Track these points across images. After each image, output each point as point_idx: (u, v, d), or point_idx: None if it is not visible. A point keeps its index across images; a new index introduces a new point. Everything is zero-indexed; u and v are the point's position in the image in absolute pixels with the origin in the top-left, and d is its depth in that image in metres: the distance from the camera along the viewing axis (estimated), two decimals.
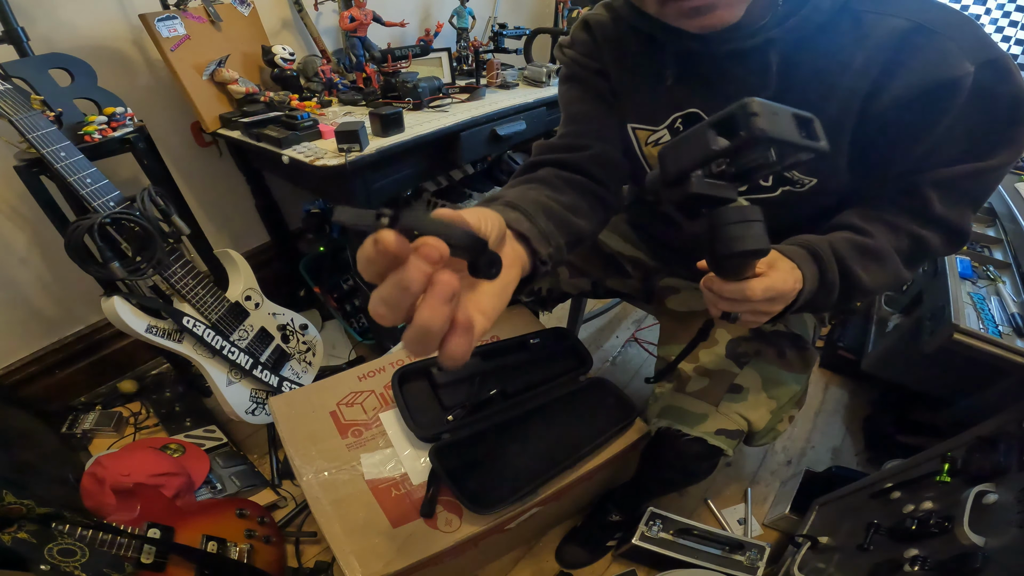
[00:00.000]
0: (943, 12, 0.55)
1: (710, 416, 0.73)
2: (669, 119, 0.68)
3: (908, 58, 0.55)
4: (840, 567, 0.82)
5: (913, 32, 0.54)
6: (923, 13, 0.54)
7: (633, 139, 0.72)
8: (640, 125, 0.71)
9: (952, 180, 0.61)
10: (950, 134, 0.58)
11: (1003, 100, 0.55)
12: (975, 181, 0.61)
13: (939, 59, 0.53)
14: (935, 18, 0.54)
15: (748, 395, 0.74)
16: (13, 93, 0.87)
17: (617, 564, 1.10)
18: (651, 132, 0.70)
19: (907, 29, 0.54)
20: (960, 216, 0.64)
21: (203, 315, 1.10)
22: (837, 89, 0.58)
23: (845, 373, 1.56)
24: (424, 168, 1.26)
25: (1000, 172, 0.61)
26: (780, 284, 0.52)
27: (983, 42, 0.54)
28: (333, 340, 1.63)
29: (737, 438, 0.74)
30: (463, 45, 1.61)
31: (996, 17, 1.58)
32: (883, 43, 0.55)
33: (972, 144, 0.58)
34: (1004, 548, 0.62)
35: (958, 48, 0.53)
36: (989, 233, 1.20)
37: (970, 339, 0.87)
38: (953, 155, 0.60)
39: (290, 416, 0.86)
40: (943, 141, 0.59)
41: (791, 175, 0.65)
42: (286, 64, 1.28)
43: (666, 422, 0.76)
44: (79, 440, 1.26)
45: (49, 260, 1.27)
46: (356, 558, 0.68)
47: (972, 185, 0.62)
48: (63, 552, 0.78)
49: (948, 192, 0.62)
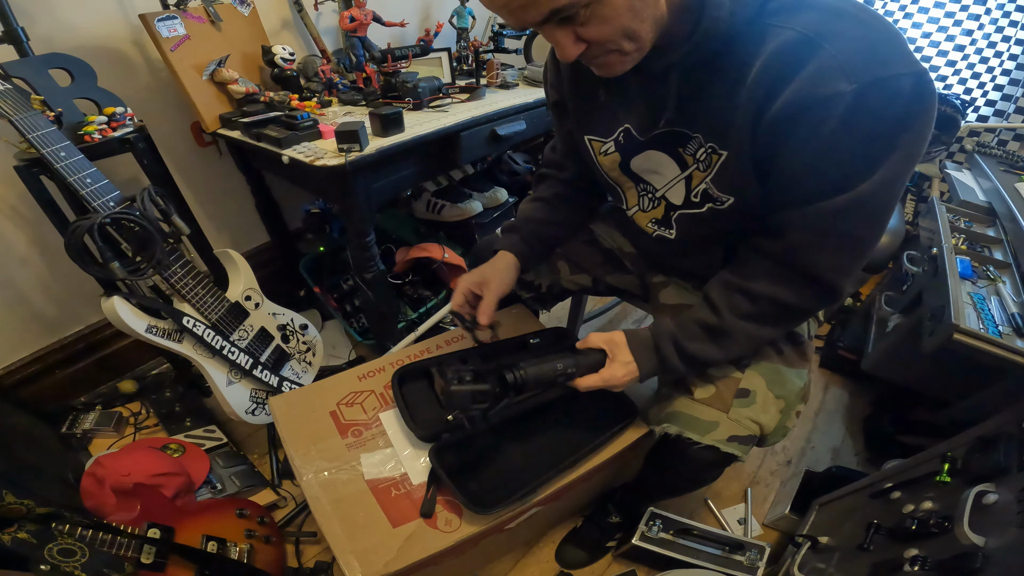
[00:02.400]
0: (848, 24, 0.51)
1: (721, 423, 0.73)
2: (615, 133, 0.74)
3: (790, 73, 0.52)
4: (840, 567, 0.82)
5: (799, 45, 0.52)
6: (820, 25, 0.51)
7: (589, 149, 0.79)
8: (593, 137, 0.78)
9: (820, 218, 0.59)
10: (820, 162, 0.55)
11: (884, 124, 0.52)
12: (844, 219, 0.58)
13: (815, 75, 0.51)
14: (832, 30, 0.51)
15: (756, 398, 0.74)
16: (13, 93, 0.87)
17: (617, 564, 1.10)
18: (602, 143, 0.77)
19: (795, 41, 0.52)
20: (831, 268, 0.63)
21: (203, 315, 1.10)
22: (737, 106, 0.57)
23: (845, 373, 1.56)
24: (424, 168, 1.26)
25: (874, 207, 0.57)
26: (610, 376, 0.72)
27: (880, 59, 0.50)
28: (333, 340, 1.63)
29: (750, 443, 0.74)
30: (463, 45, 1.61)
31: (996, 17, 1.58)
32: (774, 56, 0.53)
33: (843, 174, 0.56)
34: (1004, 548, 0.61)
35: (839, 64, 0.50)
36: (989, 233, 1.20)
37: (970, 339, 0.87)
38: (823, 187, 0.57)
39: (290, 416, 0.86)
40: (811, 170, 0.57)
41: (712, 193, 0.67)
42: (286, 64, 1.28)
43: (675, 429, 0.75)
44: (79, 440, 1.26)
45: (49, 260, 1.27)
46: (356, 558, 0.68)
47: (842, 225, 0.59)
48: (63, 552, 0.78)
49: (817, 236, 0.61)
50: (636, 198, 0.81)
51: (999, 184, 1.27)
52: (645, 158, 0.73)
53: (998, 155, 1.47)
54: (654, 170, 0.74)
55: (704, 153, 0.65)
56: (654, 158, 0.72)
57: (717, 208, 0.69)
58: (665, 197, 0.75)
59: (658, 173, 0.73)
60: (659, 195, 0.76)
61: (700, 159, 0.66)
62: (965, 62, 1.68)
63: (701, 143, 0.65)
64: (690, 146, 0.67)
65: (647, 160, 0.73)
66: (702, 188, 0.69)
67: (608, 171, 0.79)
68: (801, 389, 0.77)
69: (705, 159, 0.66)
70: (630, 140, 0.73)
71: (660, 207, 0.77)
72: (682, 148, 0.68)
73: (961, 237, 1.16)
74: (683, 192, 0.72)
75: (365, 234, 1.17)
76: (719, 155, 0.64)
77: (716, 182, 0.66)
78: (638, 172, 0.76)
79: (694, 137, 0.65)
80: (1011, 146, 1.60)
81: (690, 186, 0.70)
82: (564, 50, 0.56)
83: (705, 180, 0.67)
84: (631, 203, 0.82)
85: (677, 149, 0.68)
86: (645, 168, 0.75)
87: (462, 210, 1.66)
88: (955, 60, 1.69)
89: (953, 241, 1.11)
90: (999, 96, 1.65)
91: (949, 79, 1.73)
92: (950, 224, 1.17)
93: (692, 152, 0.67)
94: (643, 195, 0.79)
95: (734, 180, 0.64)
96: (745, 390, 0.74)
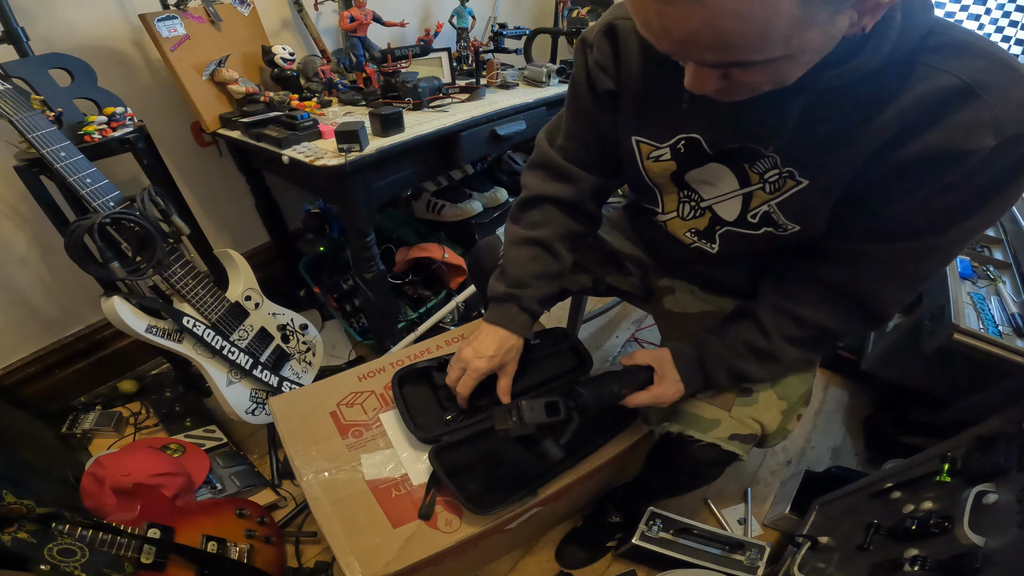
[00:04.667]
0: (1013, 78, 0.47)
1: (723, 421, 0.73)
2: (673, 139, 0.66)
3: (941, 119, 0.49)
4: (840, 567, 0.82)
5: (957, 92, 0.47)
6: (985, 75, 0.47)
7: (636, 151, 0.71)
8: (645, 139, 0.69)
9: (902, 256, 0.59)
10: (928, 205, 0.54)
11: (1003, 175, 0.49)
12: (925, 260, 0.59)
13: (968, 126, 0.48)
14: (996, 84, 0.47)
15: (759, 398, 0.74)
16: (13, 93, 0.87)
17: (617, 564, 1.10)
18: (654, 148, 0.69)
19: (956, 88, 0.47)
20: (891, 302, 0.63)
21: (203, 315, 1.10)
22: (852, 140, 0.54)
23: (845, 373, 1.56)
24: (424, 168, 1.26)
25: (952, 249, 0.58)
26: (661, 395, 0.73)
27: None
28: (333, 340, 1.63)
29: (751, 442, 0.74)
30: (463, 45, 1.61)
31: (996, 17, 1.58)
32: (924, 99, 0.49)
33: (945, 219, 0.54)
34: (1004, 548, 0.62)
35: (994, 120, 0.47)
36: (989, 233, 1.20)
37: (970, 339, 0.87)
38: (918, 227, 0.56)
39: (290, 416, 0.86)
40: (915, 211, 0.55)
41: (775, 218, 0.65)
42: (286, 64, 1.28)
43: (677, 427, 0.75)
44: (79, 440, 1.27)
45: (49, 260, 1.27)
46: (356, 558, 0.68)
47: (920, 265, 0.59)
48: (63, 552, 0.78)
49: (892, 270, 0.61)
50: (676, 204, 0.74)
51: None
52: (705, 170, 0.67)
53: None
54: (708, 181, 0.68)
55: (776, 175, 0.61)
56: (714, 171, 0.66)
57: (777, 233, 0.66)
58: (712, 209, 0.70)
59: (712, 185, 0.68)
60: (704, 205, 0.71)
61: (768, 179, 0.62)
62: None
63: (776, 164, 0.60)
64: (760, 164, 0.61)
65: (705, 172, 0.67)
66: (763, 210, 0.65)
67: (654, 177, 0.72)
68: (804, 392, 0.77)
69: (776, 181, 0.61)
70: (696, 152, 0.65)
71: (704, 217, 0.72)
72: (748, 164, 0.62)
73: None
74: (738, 209, 0.67)
75: (365, 234, 1.17)
76: (798, 183, 0.59)
77: (784, 208, 0.63)
78: (689, 181, 0.70)
79: (769, 156, 0.60)
80: None
81: (748, 205, 0.66)
82: (703, 84, 0.49)
83: (770, 203, 0.63)
84: (668, 208, 0.76)
85: (743, 164, 0.63)
86: (700, 179, 0.69)
87: (462, 210, 1.66)
88: None
89: None
90: None
91: None
92: None
93: (760, 171, 0.62)
94: (684, 202, 0.73)
95: (808, 210, 0.61)
96: (748, 389, 0.74)
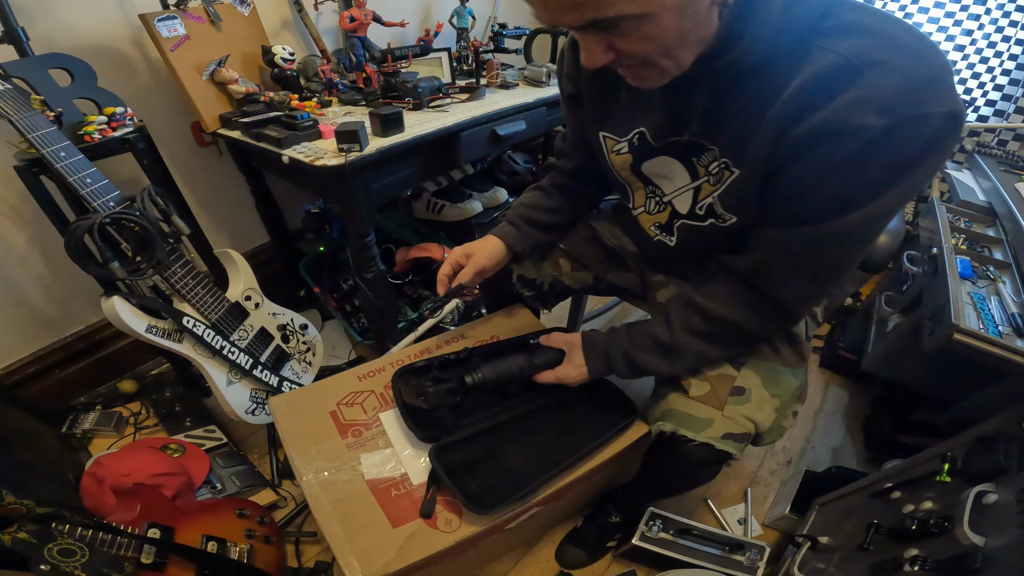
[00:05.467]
0: (899, 56, 0.48)
1: (716, 420, 0.73)
2: (630, 133, 0.73)
3: (827, 98, 0.50)
4: (840, 567, 0.82)
5: (840, 70, 0.50)
6: (868, 52, 0.49)
7: (602, 145, 0.78)
8: (608, 134, 0.77)
9: (801, 243, 0.60)
10: (820, 187, 0.55)
11: (897, 160, 0.50)
12: (825, 247, 0.59)
13: (850, 103, 0.49)
14: (879, 60, 0.48)
15: (751, 396, 0.74)
16: (13, 93, 0.87)
17: (617, 564, 1.10)
18: (616, 142, 0.76)
19: (837, 66, 0.50)
20: (796, 295, 0.64)
21: (203, 315, 1.10)
22: (761, 125, 0.56)
23: (845, 373, 1.56)
24: (424, 168, 1.26)
25: (856, 238, 0.58)
26: (564, 375, 0.80)
27: (919, 97, 0.47)
28: (333, 340, 1.63)
29: (745, 441, 0.74)
30: (463, 45, 1.61)
31: (996, 17, 1.58)
32: (812, 78, 0.51)
33: (839, 203, 0.55)
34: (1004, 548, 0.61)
35: (876, 97, 0.48)
36: (989, 233, 1.20)
37: (970, 339, 0.87)
38: (814, 212, 0.57)
39: (290, 416, 0.86)
40: (808, 193, 0.56)
41: (716, 209, 0.68)
42: (286, 64, 1.28)
43: (670, 427, 0.75)
44: (79, 440, 1.26)
45: (49, 260, 1.27)
46: (356, 558, 0.68)
47: (821, 253, 0.60)
48: (63, 552, 0.78)
49: (792, 260, 0.62)
50: (644, 199, 0.81)
51: (999, 184, 1.27)
52: (657, 163, 0.73)
53: (998, 155, 1.47)
54: (665, 175, 0.73)
55: (717, 167, 0.65)
56: (666, 164, 0.71)
57: (718, 225, 0.70)
58: (671, 203, 0.76)
59: (668, 179, 0.73)
60: (666, 200, 0.76)
61: (712, 172, 0.66)
62: (965, 62, 1.68)
63: (716, 156, 0.64)
64: (704, 157, 0.66)
65: (658, 165, 0.73)
66: (708, 202, 0.69)
67: (619, 170, 0.79)
68: (797, 388, 0.77)
69: (717, 173, 0.65)
70: (644, 144, 0.72)
71: (665, 212, 0.78)
72: (696, 158, 0.67)
73: (961, 237, 1.16)
74: (689, 202, 0.72)
75: (365, 234, 1.17)
76: (732, 172, 0.63)
77: (723, 199, 0.66)
78: (648, 175, 0.76)
79: (710, 149, 0.64)
80: (1011, 146, 1.60)
81: (697, 198, 0.71)
82: (592, 56, 0.53)
83: (713, 195, 0.67)
84: (638, 203, 0.82)
85: (691, 158, 0.68)
86: (656, 172, 0.75)
87: (462, 210, 1.66)
88: (955, 60, 1.69)
89: (953, 241, 1.11)
90: (999, 96, 1.65)
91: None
92: (950, 224, 1.17)
93: (705, 164, 0.66)
94: (651, 197, 0.79)
95: (741, 200, 0.64)
96: (740, 388, 0.74)
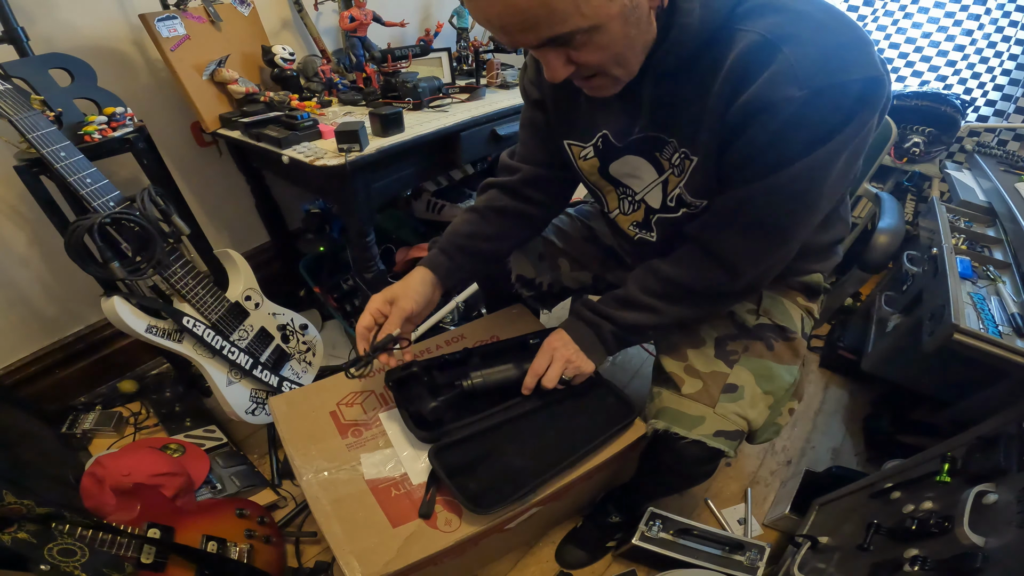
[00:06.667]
0: (808, 28, 0.51)
1: (708, 418, 0.73)
2: (593, 138, 0.74)
3: (753, 76, 0.53)
4: (840, 567, 0.82)
5: (760, 48, 0.52)
6: (781, 28, 0.51)
7: (569, 153, 0.79)
8: (573, 141, 0.78)
9: (732, 201, 0.63)
10: (754, 158, 0.58)
11: (820, 127, 0.53)
12: (753, 204, 0.62)
13: (770, 79, 0.52)
14: (792, 34, 0.51)
15: (744, 393, 0.74)
16: (13, 93, 0.87)
17: (617, 564, 1.10)
18: (581, 147, 0.77)
19: (756, 45, 0.52)
20: (735, 251, 0.66)
21: (203, 315, 1.10)
22: (706, 111, 0.59)
23: (845, 373, 1.56)
24: (424, 168, 1.26)
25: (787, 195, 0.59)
26: (535, 366, 0.80)
27: (833, 66, 0.50)
28: (333, 340, 1.63)
29: (737, 439, 0.74)
30: (463, 45, 1.61)
31: (996, 17, 1.58)
32: (737, 60, 0.54)
33: (766, 165, 0.57)
34: (1004, 548, 0.61)
35: (792, 70, 0.50)
36: (989, 233, 1.20)
37: (970, 339, 0.86)
38: (746, 177, 0.60)
39: (290, 416, 0.86)
40: (744, 164, 0.59)
41: (686, 199, 0.70)
42: (286, 64, 1.28)
43: (663, 424, 0.75)
44: (79, 440, 1.26)
45: (49, 260, 1.27)
46: (356, 558, 0.68)
47: (751, 210, 0.62)
48: (63, 552, 0.78)
49: (725, 217, 0.65)
50: (616, 201, 0.82)
51: (999, 184, 1.27)
52: (623, 163, 0.74)
53: (998, 155, 1.47)
54: (632, 174, 0.75)
55: (679, 158, 0.67)
56: (632, 162, 0.73)
57: (691, 212, 0.71)
58: (644, 201, 0.77)
59: (636, 177, 0.74)
60: (638, 198, 0.77)
61: (675, 164, 0.68)
62: (965, 62, 1.68)
63: (676, 148, 0.66)
64: (666, 151, 0.68)
65: (625, 164, 0.74)
66: (676, 193, 0.70)
67: (588, 175, 0.80)
68: (791, 385, 0.78)
69: (679, 164, 0.67)
70: (608, 146, 0.74)
71: (640, 210, 0.78)
72: (659, 153, 0.69)
73: (961, 237, 1.16)
74: (660, 196, 0.73)
75: (365, 234, 1.17)
76: (691, 160, 0.65)
77: (689, 187, 0.68)
78: (617, 176, 0.77)
79: (670, 142, 0.66)
80: (1011, 146, 1.60)
81: (666, 191, 0.72)
82: (554, 71, 0.56)
83: (679, 186, 0.69)
84: (612, 206, 0.83)
85: (654, 154, 0.69)
86: (623, 172, 0.76)
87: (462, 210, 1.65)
88: (955, 60, 1.69)
89: (953, 241, 1.11)
90: (999, 96, 1.65)
91: (949, 79, 1.73)
92: (950, 224, 1.17)
93: (668, 157, 0.68)
94: (623, 198, 0.80)
95: (705, 184, 0.66)
96: (732, 385, 0.75)
